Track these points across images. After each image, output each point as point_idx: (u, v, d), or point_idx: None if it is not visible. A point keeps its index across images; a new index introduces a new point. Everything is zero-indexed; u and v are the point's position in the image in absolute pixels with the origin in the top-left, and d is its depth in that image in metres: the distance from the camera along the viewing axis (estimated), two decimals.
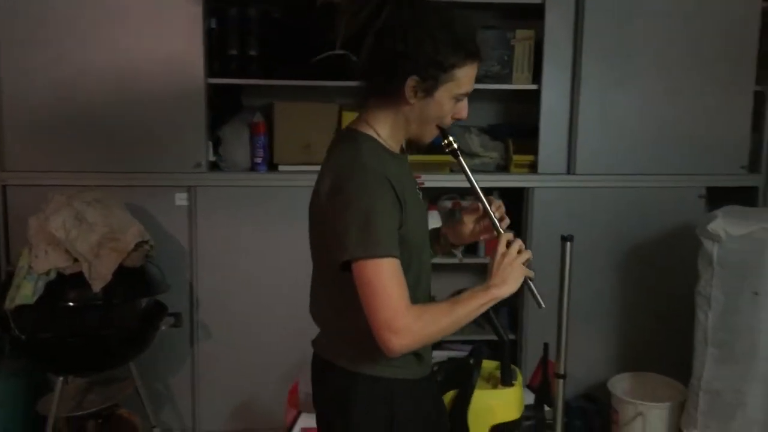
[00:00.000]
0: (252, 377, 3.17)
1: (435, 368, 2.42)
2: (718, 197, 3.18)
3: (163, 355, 3.07)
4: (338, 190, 1.47)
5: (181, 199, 3.05)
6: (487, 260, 1.95)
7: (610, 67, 3.12)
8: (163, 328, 2.86)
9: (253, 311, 3.14)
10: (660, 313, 3.29)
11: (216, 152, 3.12)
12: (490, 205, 1.66)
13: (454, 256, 3.18)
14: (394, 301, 1.42)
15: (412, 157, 3.13)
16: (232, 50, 3.06)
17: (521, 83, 3.17)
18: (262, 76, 3.07)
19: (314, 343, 1.73)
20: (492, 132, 3.33)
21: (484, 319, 2.33)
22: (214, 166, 3.13)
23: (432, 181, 3.13)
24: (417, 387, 1.65)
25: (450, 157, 1.65)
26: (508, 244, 1.56)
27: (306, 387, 2.89)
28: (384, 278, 1.42)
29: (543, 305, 1.61)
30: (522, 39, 3.15)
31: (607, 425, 3.16)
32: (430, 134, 1.61)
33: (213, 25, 3.07)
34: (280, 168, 3.14)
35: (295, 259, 3.09)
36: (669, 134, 3.20)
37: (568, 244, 2.33)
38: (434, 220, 3.12)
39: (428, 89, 1.50)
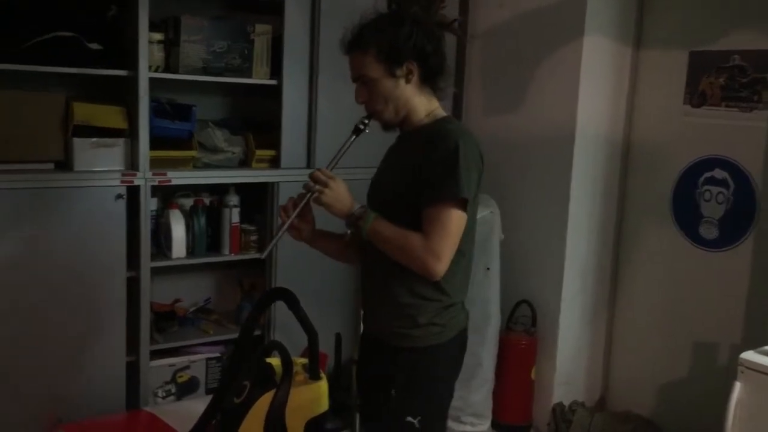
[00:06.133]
0: None
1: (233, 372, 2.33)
2: None
3: None
4: None
5: None
6: None
7: (344, 63, 3.26)
8: None
9: None
10: None
11: None
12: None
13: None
14: None
15: (154, 153, 2.93)
16: None
17: (260, 77, 3.15)
18: None
19: None
20: (228, 126, 3.24)
21: (295, 314, 2.30)
22: None
23: (178, 178, 2.96)
24: None
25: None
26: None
27: None
28: None
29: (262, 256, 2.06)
30: (261, 33, 3.13)
31: None
32: None
33: None
34: None
35: None
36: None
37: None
38: None
39: None
